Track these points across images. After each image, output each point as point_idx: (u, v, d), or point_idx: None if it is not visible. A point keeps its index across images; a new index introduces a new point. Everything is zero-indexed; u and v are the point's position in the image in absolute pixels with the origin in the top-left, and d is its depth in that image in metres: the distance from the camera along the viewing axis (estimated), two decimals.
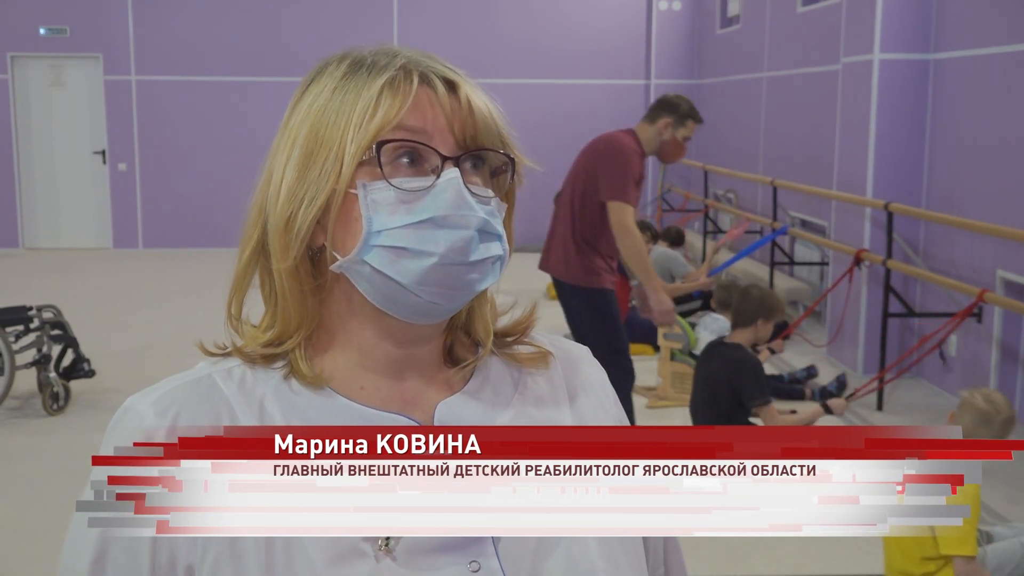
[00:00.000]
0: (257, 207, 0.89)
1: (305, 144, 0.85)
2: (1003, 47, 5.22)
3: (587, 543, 0.87)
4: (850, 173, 6.28)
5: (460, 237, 0.83)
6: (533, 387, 0.95)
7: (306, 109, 0.87)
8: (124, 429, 0.85)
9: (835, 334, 6.36)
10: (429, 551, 0.83)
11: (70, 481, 4.35)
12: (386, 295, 0.84)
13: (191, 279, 9.20)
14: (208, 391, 0.87)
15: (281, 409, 0.86)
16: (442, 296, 0.84)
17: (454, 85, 0.86)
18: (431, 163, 0.84)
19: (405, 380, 0.90)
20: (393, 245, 0.82)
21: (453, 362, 0.93)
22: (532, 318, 0.98)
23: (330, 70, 0.88)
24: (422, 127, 0.84)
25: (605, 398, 1.00)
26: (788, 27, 8.39)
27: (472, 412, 0.90)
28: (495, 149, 0.87)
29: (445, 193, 0.83)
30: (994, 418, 3.05)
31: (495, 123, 0.87)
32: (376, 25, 10.87)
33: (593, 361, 1.02)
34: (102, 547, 0.83)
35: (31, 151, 10.93)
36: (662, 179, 11.26)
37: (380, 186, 0.83)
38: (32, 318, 5.33)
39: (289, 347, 0.88)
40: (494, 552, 0.85)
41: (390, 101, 0.83)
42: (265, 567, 0.81)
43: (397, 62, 0.86)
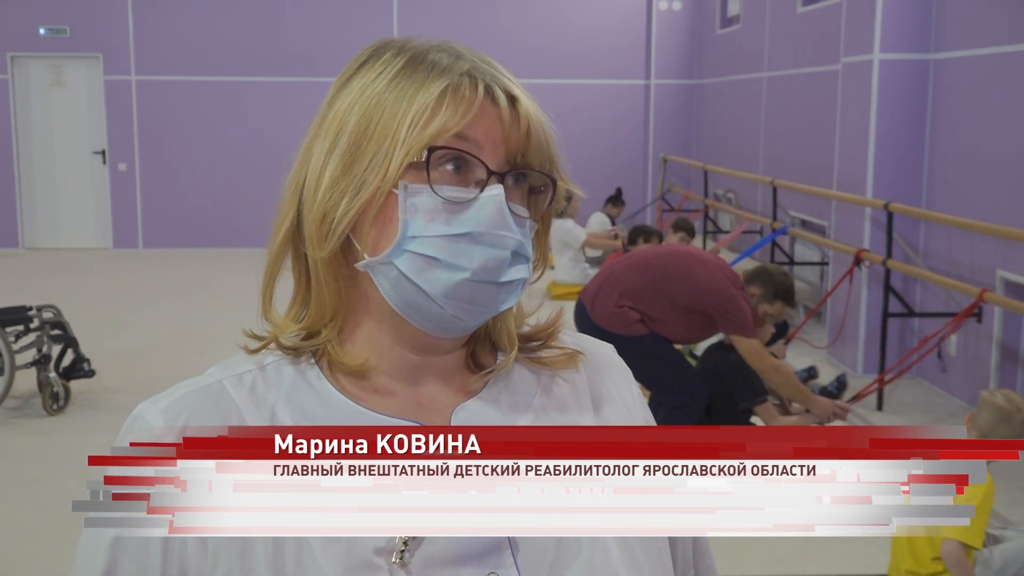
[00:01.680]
0: (294, 187, 0.86)
1: (353, 134, 0.82)
2: (1003, 47, 5.21)
3: (608, 551, 0.85)
4: (850, 173, 6.28)
5: (495, 256, 0.81)
6: (557, 392, 0.92)
7: (356, 95, 0.83)
8: (134, 436, 0.83)
9: (836, 335, 6.36)
10: (445, 563, 0.80)
11: (70, 481, 4.34)
12: (408, 302, 0.82)
13: (191, 279, 9.20)
14: (217, 398, 0.85)
15: (292, 416, 0.85)
16: (465, 312, 0.82)
17: (515, 99, 0.84)
18: (476, 175, 0.82)
19: (421, 385, 0.88)
20: (425, 253, 0.80)
21: (476, 367, 0.91)
22: (558, 323, 0.95)
23: (386, 58, 0.84)
24: (477, 138, 0.81)
25: (628, 395, 0.97)
26: (788, 27, 8.39)
27: (489, 417, 0.88)
28: (542, 170, 0.85)
29: (486, 209, 0.80)
30: (1014, 416, 3.04)
31: (547, 143, 0.85)
32: (376, 25, 10.86)
33: (618, 360, 1.00)
34: (112, 559, 0.82)
35: (31, 151, 10.93)
36: (662, 179, 11.26)
37: (423, 191, 0.80)
38: (32, 318, 5.32)
39: (325, 338, 0.86)
40: (513, 562, 0.82)
41: (452, 108, 0.81)
42: None
43: (461, 66, 0.83)
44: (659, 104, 11.43)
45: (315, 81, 10.40)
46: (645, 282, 4.10)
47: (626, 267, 4.23)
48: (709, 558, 1.01)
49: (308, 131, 0.87)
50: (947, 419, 5.31)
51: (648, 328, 4.09)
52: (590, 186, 9.96)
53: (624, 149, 11.51)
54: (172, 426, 0.82)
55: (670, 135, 11.47)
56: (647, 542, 0.88)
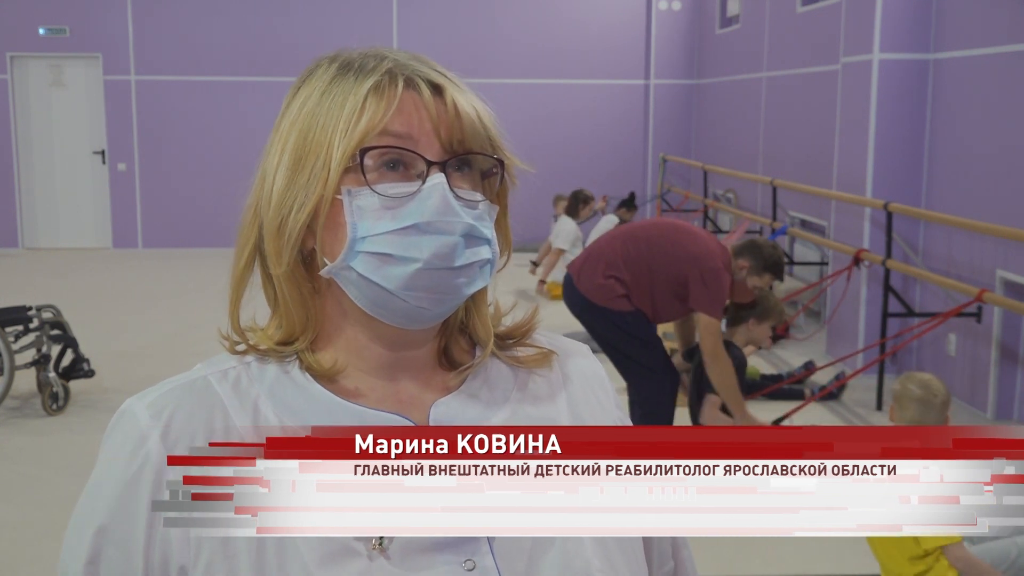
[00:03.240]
0: (252, 209, 0.89)
1: (294, 149, 0.85)
2: (1003, 47, 5.22)
3: (582, 540, 0.86)
4: (850, 173, 6.28)
5: (444, 243, 0.82)
6: (532, 387, 0.94)
7: (296, 112, 0.87)
8: (120, 430, 0.86)
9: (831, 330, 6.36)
10: (423, 550, 0.82)
11: (70, 481, 4.35)
12: (373, 300, 0.85)
13: (191, 279, 9.21)
14: (202, 392, 0.87)
15: (275, 409, 0.86)
16: (429, 300, 0.84)
17: (440, 88, 0.85)
18: (416, 169, 0.84)
19: (399, 381, 0.90)
20: (377, 251, 0.82)
21: (450, 364, 0.93)
22: (534, 321, 0.98)
23: (319, 72, 0.88)
24: (407, 132, 0.83)
25: (603, 393, 0.99)
26: (788, 27, 8.39)
27: (468, 412, 0.90)
28: (483, 152, 0.86)
29: (430, 199, 0.82)
30: (932, 401, 3.08)
31: (483, 126, 0.86)
32: (375, 25, 10.87)
33: (590, 356, 1.01)
34: (96, 548, 0.83)
35: (31, 151, 10.93)
36: (662, 179, 11.26)
37: (364, 192, 0.83)
38: (32, 318, 5.33)
39: (298, 348, 0.89)
40: (489, 551, 0.84)
41: (375, 106, 0.83)
42: (257, 567, 0.80)
43: (384, 65, 0.85)
44: (659, 104, 11.43)
45: None
46: (630, 251, 4.09)
47: (612, 237, 4.24)
48: (687, 549, 1.03)
49: (262, 153, 0.89)
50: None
51: (633, 305, 4.07)
52: (590, 186, 9.97)
53: (624, 149, 11.52)
54: (156, 420, 0.84)
55: (670, 135, 11.48)
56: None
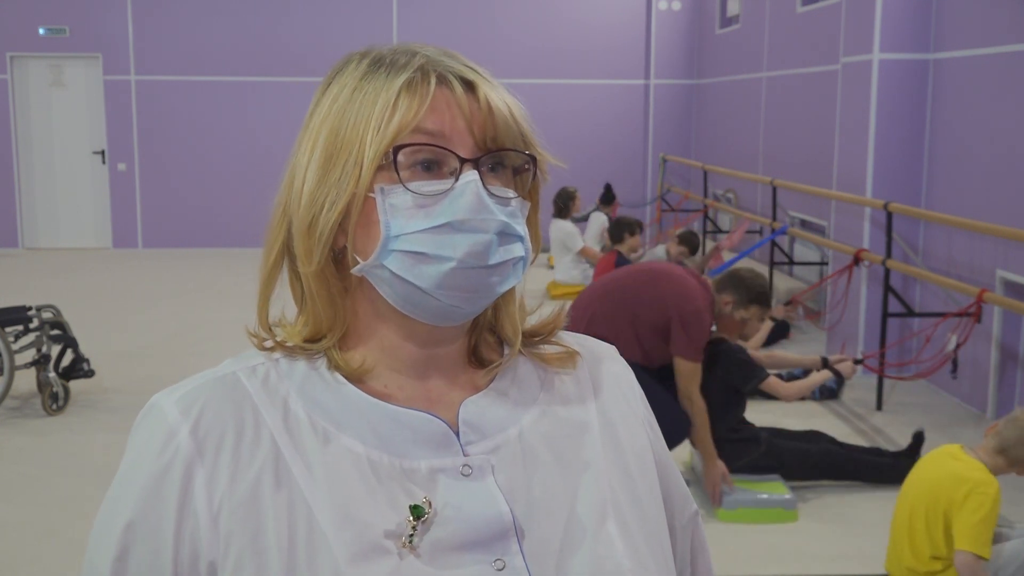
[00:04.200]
0: (281, 207, 0.88)
1: (325, 146, 0.84)
2: (1003, 47, 5.22)
3: (613, 541, 0.86)
4: (850, 173, 6.28)
5: (479, 241, 0.82)
6: (560, 386, 0.94)
7: (327, 108, 0.86)
8: (148, 425, 0.85)
9: (833, 325, 6.36)
10: (453, 548, 0.82)
11: (70, 481, 4.35)
12: (407, 298, 0.84)
13: (191, 279, 9.21)
14: (232, 389, 0.86)
15: (305, 406, 0.86)
16: (462, 299, 0.83)
17: (472, 84, 0.84)
18: (450, 166, 0.83)
19: (429, 379, 0.89)
20: (411, 250, 0.82)
21: (478, 362, 0.92)
22: (560, 318, 0.97)
23: (350, 68, 0.87)
24: (440, 130, 0.82)
25: (632, 395, 0.98)
26: (788, 27, 8.39)
27: (497, 410, 0.89)
28: (516, 149, 0.86)
29: (463, 197, 0.82)
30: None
31: (515, 122, 0.86)
32: (376, 25, 10.87)
33: (619, 359, 1.01)
34: (125, 544, 0.83)
35: (31, 151, 10.93)
36: (662, 179, 11.27)
37: (398, 191, 0.82)
38: (32, 318, 5.32)
39: (325, 346, 0.88)
40: (519, 550, 0.83)
41: (408, 103, 0.82)
42: (288, 564, 0.80)
43: (416, 62, 0.84)
44: (659, 104, 11.43)
45: (315, 81, 10.28)
46: (606, 307, 4.07)
47: (590, 299, 4.19)
48: (707, 554, 1.02)
49: (292, 149, 0.88)
50: (947, 420, 5.32)
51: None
52: (590, 186, 9.98)
53: (624, 149, 11.52)
54: (186, 416, 0.84)
55: (670, 135, 11.48)
56: (650, 533, 0.90)
